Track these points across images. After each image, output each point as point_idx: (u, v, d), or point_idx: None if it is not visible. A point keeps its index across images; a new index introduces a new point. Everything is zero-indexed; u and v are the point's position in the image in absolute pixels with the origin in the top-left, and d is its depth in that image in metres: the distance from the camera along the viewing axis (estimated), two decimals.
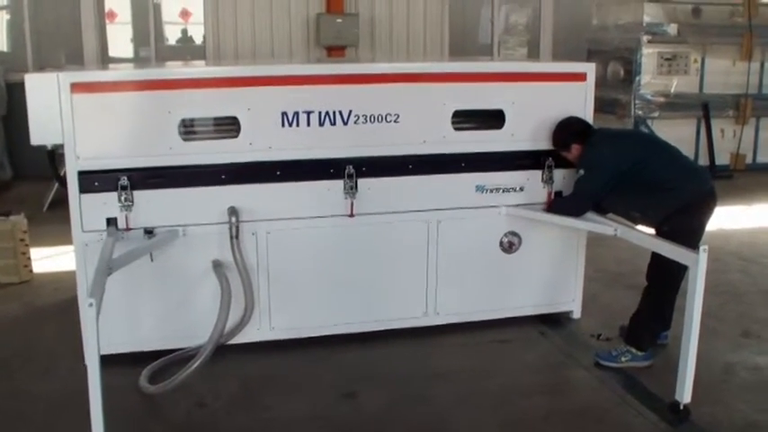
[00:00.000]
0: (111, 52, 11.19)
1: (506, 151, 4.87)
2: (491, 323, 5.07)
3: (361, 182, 4.62)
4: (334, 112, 4.53)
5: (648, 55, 10.77)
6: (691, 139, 11.17)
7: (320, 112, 4.50)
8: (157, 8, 11.38)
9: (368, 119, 4.58)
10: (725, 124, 11.21)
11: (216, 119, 4.62)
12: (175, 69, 5.81)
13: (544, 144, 4.88)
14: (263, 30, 10.88)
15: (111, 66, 8.92)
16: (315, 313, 4.82)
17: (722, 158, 11.19)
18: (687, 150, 10.83)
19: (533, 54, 12.29)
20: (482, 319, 5.07)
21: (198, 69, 5.86)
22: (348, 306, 4.85)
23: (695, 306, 3.71)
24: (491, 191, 4.88)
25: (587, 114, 4.93)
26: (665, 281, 4.39)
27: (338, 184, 4.60)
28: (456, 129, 4.73)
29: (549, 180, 4.93)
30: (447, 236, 4.85)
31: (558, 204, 4.79)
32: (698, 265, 3.65)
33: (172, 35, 11.77)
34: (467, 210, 4.86)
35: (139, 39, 11.40)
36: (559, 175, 4.92)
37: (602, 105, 11.23)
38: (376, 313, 4.90)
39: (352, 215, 4.63)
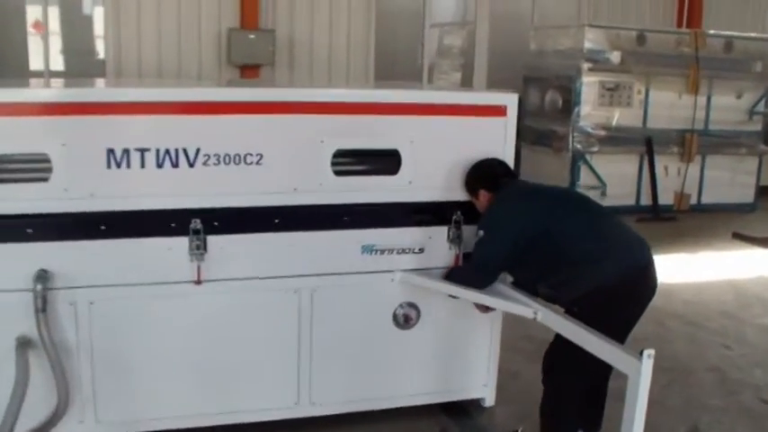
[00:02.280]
0: None
1: (402, 202, 3.90)
2: (381, 415, 4.08)
3: (212, 240, 3.61)
4: (176, 151, 3.52)
5: (589, 84, 9.98)
6: (633, 176, 10.43)
7: (158, 150, 3.49)
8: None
9: (221, 159, 3.57)
10: (669, 161, 10.47)
11: (20, 156, 3.54)
12: None
13: (451, 194, 3.92)
14: (170, 45, 9.73)
15: None
16: (154, 403, 3.78)
17: (665, 198, 10.46)
18: (628, 189, 10.08)
19: (468, 80, 11.40)
20: (370, 410, 4.07)
21: None
22: (197, 394, 3.83)
23: (634, 427, 2.74)
24: (382, 252, 3.88)
25: (507, 157, 3.97)
26: (570, 370, 3.46)
27: (182, 243, 3.58)
28: (337, 173, 3.73)
29: (456, 239, 3.96)
30: (324, 308, 3.85)
31: (455, 273, 3.82)
32: (640, 375, 2.68)
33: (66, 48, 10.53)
34: (350, 275, 3.87)
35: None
36: (472, 233, 3.93)
37: (537, 137, 10.49)
38: (234, 403, 3.89)
39: (199, 282, 3.59)
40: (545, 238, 3.42)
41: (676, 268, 7.46)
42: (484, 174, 3.79)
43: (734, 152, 10.75)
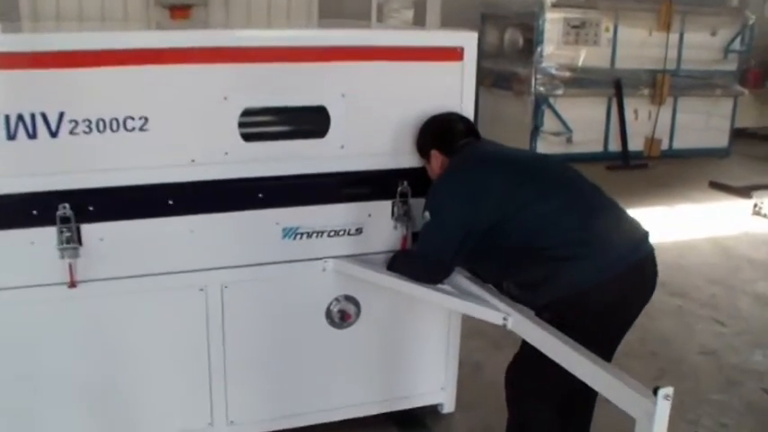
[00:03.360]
0: None
1: (332, 173, 3.09)
2: (319, 430, 3.30)
3: (87, 229, 2.80)
4: (33, 117, 2.66)
5: (553, 21, 9.23)
6: (600, 120, 9.76)
7: (8, 117, 2.63)
8: None
9: (93, 126, 2.73)
10: (639, 104, 9.79)
11: None
12: None
13: (396, 160, 3.14)
14: None
15: None
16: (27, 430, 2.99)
17: (635, 143, 9.82)
18: (596, 135, 9.38)
19: (422, 18, 10.48)
20: (302, 426, 3.31)
21: None
22: (84, 422, 3.05)
23: None
24: (309, 235, 3.10)
25: (465, 110, 3.18)
26: (540, 390, 2.74)
27: (47, 235, 2.76)
28: (247, 138, 2.90)
29: (402, 216, 3.18)
30: (239, 307, 3.07)
31: (400, 263, 3.03)
32: (653, 420, 1.95)
33: None
34: (269, 266, 3.08)
35: None
36: (421, 206, 3.15)
37: (497, 80, 9.66)
38: (132, 427, 3.10)
39: (73, 284, 2.78)
40: (511, 222, 2.66)
41: (653, 224, 6.71)
42: (438, 130, 3.02)
43: (708, 93, 10.11)
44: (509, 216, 2.64)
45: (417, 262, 2.89)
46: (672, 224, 6.99)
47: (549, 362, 2.44)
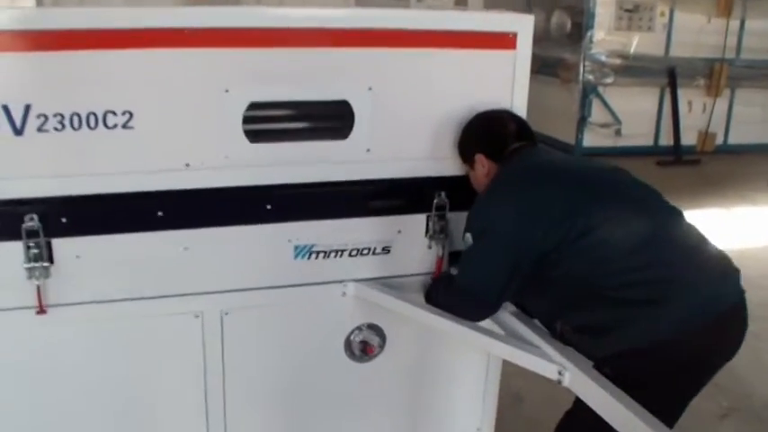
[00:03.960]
0: None
1: (356, 180, 2.57)
2: None
3: (60, 245, 2.33)
4: None
5: (604, 4, 8.70)
6: (651, 112, 9.20)
7: None
8: None
9: (66, 122, 2.25)
10: (693, 95, 9.17)
11: None
12: None
13: (432, 166, 2.62)
14: None
15: None
16: None
17: (688, 137, 9.21)
18: (646, 128, 8.77)
19: (462, 1, 9.92)
20: None
21: None
22: None
23: None
24: (326, 255, 2.60)
25: (517, 108, 2.66)
26: None
27: (12, 251, 2.28)
28: (253, 138, 2.40)
29: (438, 233, 2.66)
30: (240, 337, 2.60)
31: (435, 294, 2.52)
32: None
33: None
34: (278, 290, 2.59)
35: None
36: (461, 221, 2.64)
37: (542, 66, 9.02)
38: None
39: (41, 310, 2.32)
40: (569, 250, 2.13)
41: (709, 228, 6.14)
42: (485, 130, 2.52)
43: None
44: (568, 242, 2.12)
45: (456, 295, 2.38)
46: (730, 229, 6.37)
47: (608, 428, 1.94)
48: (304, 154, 2.50)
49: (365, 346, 2.73)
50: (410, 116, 2.56)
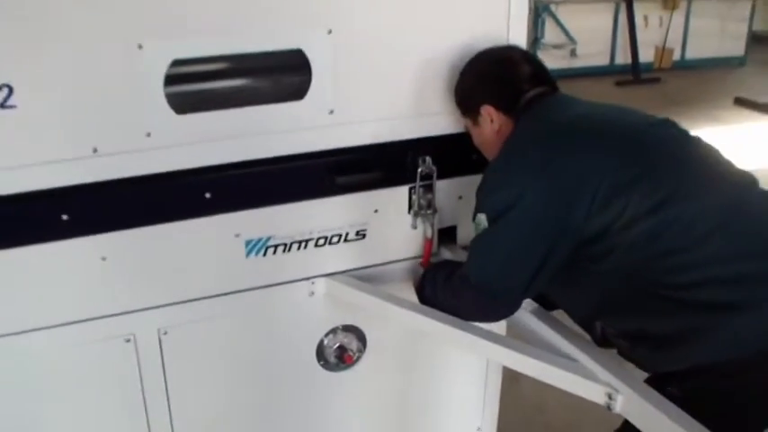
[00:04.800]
0: None
1: (317, 151, 2.01)
2: None
3: None
4: None
5: None
6: (607, 29, 8.68)
7: None
8: None
9: None
10: (649, 9, 8.68)
11: None
12: None
13: (414, 125, 2.06)
14: None
15: None
16: None
17: (644, 54, 8.74)
18: (602, 46, 8.33)
19: None
20: None
21: None
22: None
23: None
24: (285, 248, 2.05)
25: (513, 43, 2.09)
26: None
27: None
28: (180, 110, 1.81)
29: (425, 209, 2.12)
30: (185, 359, 2.04)
31: (435, 293, 1.98)
32: None
33: None
34: (227, 297, 2.03)
35: None
36: (452, 191, 2.10)
37: None
38: None
39: None
40: (619, 236, 1.61)
41: None
42: (492, 72, 1.96)
43: None
44: (619, 228, 1.60)
45: (466, 290, 1.84)
46: None
47: None
48: (248, 123, 1.92)
49: (342, 352, 2.21)
50: (383, 64, 1.99)
